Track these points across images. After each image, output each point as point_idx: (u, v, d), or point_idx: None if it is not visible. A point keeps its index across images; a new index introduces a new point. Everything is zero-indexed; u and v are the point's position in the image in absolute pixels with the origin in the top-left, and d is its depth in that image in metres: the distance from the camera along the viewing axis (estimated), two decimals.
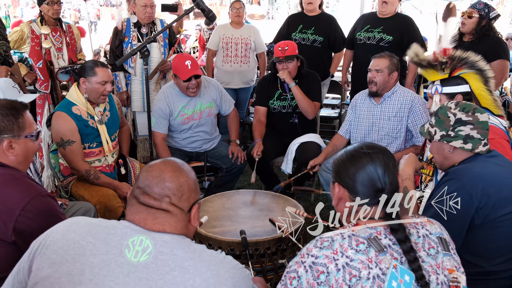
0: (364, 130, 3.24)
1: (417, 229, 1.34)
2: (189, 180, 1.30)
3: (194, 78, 3.20)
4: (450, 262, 1.31)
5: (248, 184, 4.18)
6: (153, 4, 3.83)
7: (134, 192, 1.27)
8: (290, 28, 4.42)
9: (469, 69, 2.38)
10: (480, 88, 2.40)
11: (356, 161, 1.37)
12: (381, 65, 3.04)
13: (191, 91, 3.26)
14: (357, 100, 3.32)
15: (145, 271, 1.14)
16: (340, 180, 1.41)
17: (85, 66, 2.82)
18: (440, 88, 2.40)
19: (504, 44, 3.60)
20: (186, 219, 1.28)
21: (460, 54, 2.38)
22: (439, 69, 2.42)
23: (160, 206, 1.23)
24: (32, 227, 1.59)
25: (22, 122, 1.76)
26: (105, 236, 1.20)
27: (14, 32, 3.77)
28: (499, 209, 1.73)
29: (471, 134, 1.80)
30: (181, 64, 3.18)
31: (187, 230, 1.29)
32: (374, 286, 1.20)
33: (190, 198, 1.29)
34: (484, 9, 3.51)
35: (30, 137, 1.79)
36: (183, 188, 1.26)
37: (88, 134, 2.82)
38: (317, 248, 1.27)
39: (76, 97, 2.80)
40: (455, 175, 1.79)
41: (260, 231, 2.20)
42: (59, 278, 1.15)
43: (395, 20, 3.97)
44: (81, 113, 2.79)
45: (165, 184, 1.24)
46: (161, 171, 1.26)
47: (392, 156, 1.40)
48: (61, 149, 2.77)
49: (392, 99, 3.11)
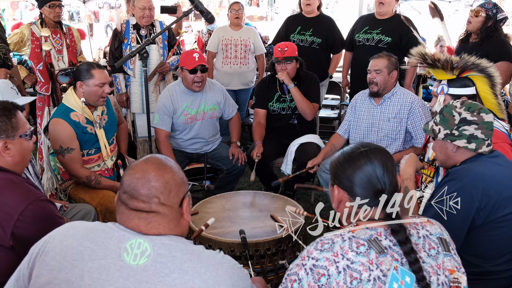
0: (363, 131, 3.24)
1: (417, 229, 1.33)
2: (175, 175, 1.26)
3: (200, 71, 3.24)
4: (451, 262, 1.31)
5: (248, 185, 4.19)
6: (151, 6, 3.83)
7: (121, 197, 1.24)
8: (289, 30, 4.43)
9: (478, 73, 2.38)
10: (486, 91, 2.40)
11: (353, 162, 1.36)
12: (380, 65, 3.05)
13: (196, 85, 3.28)
14: (357, 100, 3.32)
15: (145, 274, 1.13)
16: (338, 182, 1.39)
17: (81, 69, 2.74)
18: (446, 89, 2.40)
19: (508, 46, 3.56)
20: (178, 215, 1.26)
21: (474, 60, 2.37)
22: (449, 69, 2.42)
23: (150, 209, 1.21)
24: (30, 232, 1.59)
25: (16, 122, 1.76)
26: (102, 240, 1.18)
27: (14, 35, 3.77)
28: (499, 210, 1.72)
29: (475, 134, 1.80)
30: (189, 56, 3.26)
31: (181, 227, 1.28)
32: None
33: (179, 192, 1.26)
34: (492, 9, 3.48)
35: (25, 137, 1.79)
36: (169, 185, 1.23)
37: (86, 141, 2.78)
38: (318, 251, 1.26)
39: (73, 102, 2.74)
40: (456, 175, 1.79)
41: (260, 232, 2.20)
42: (58, 285, 1.14)
43: (394, 21, 3.97)
44: (79, 120, 2.73)
45: (151, 184, 1.21)
46: (144, 172, 1.22)
47: (390, 155, 1.39)
48: (60, 157, 2.71)
49: (392, 100, 3.11)
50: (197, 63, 3.21)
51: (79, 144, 2.73)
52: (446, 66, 2.41)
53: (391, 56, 3.10)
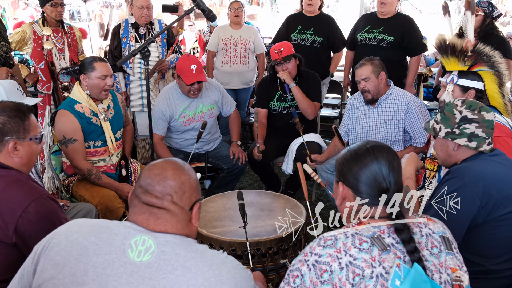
0: (362, 134, 3.23)
1: (420, 228, 1.33)
2: (191, 179, 1.30)
3: (197, 83, 3.22)
4: (453, 261, 1.31)
5: (249, 185, 4.19)
6: (149, 5, 3.81)
7: (136, 191, 1.28)
8: (289, 29, 4.42)
9: (489, 68, 2.38)
10: (494, 89, 2.41)
11: (360, 160, 1.35)
12: (366, 73, 3.02)
13: (192, 93, 3.29)
14: (353, 103, 3.31)
15: (148, 270, 1.15)
16: (344, 179, 1.39)
17: (84, 62, 2.83)
18: (456, 79, 2.40)
19: (507, 43, 3.60)
20: (187, 218, 1.29)
21: (488, 50, 2.37)
22: (461, 60, 2.41)
23: (162, 205, 1.24)
24: (33, 228, 1.60)
25: (28, 124, 1.78)
26: (107, 236, 1.20)
27: (16, 33, 3.76)
28: (500, 208, 1.73)
29: (476, 132, 1.80)
30: (187, 67, 3.18)
31: (188, 230, 1.30)
32: (378, 285, 1.19)
33: (191, 196, 1.29)
34: (488, 7, 3.52)
35: (35, 140, 1.81)
36: (184, 186, 1.27)
37: (91, 131, 2.82)
38: (320, 247, 1.26)
39: (78, 95, 2.80)
40: (456, 173, 1.79)
41: (262, 231, 2.20)
42: (62, 279, 1.16)
43: (396, 20, 3.97)
44: (84, 111, 2.78)
45: (167, 182, 1.25)
46: (162, 170, 1.27)
47: (396, 155, 1.38)
48: (63, 147, 2.77)
49: (388, 102, 3.09)
50: (194, 78, 3.17)
51: (83, 136, 2.78)
52: (459, 56, 2.41)
53: (372, 59, 3.06)
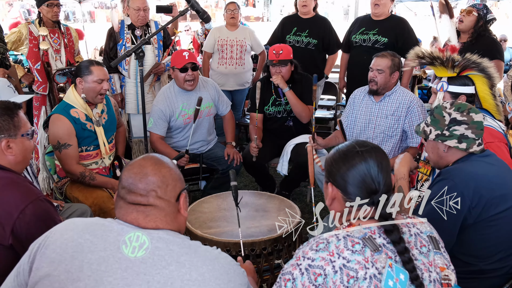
0: (360, 127, 3.24)
1: (408, 227, 1.34)
2: (171, 170, 1.31)
3: (191, 69, 3.26)
4: (441, 260, 1.32)
5: (244, 186, 4.20)
6: (146, 7, 3.82)
7: (120, 193, 1.28)
8: (285, 30, 4.44)
9: (479, 72, 2.40)
10: (485, 91, 2.42)
11: (348, 161, 1.35)
12: (383, 65, 3.02)
13: (188, 83, 3.30)
14: (356, 96, 3.31)
15: (143, 266, 1.16)
16: (333, 180, 1.39)
17: (81, 65, 2.82)
18: (446, 86, 2.41)
19: (499, 45, 3.65)
20: (175, 210, 1.30)
21: (476, 58, 2.39)
22: (449, 67, 2.43)
23: (148, 202, 1.25)
24: (29, 230, 1.60)
25: (18, 121, 1.78)
26: (102, 233, 1.22)
27: (12, 33, 3.75)
28: (491, 208, 1.74)
29: (465, 134, 1.82)
30: (179, 55, 3.28)
31: (178, 223, 1.31)
32: (371, 286, 1.19)
33: (176, 187, 1.30)
34: (483, 10, 3.56)
35: (26, 136, 1.81)
36: (166, 179, 1.28)
37: (85, 137, 2.81)
38: (313, 251, 1.26)
39: (73, 99, 2.79)
40: (447, 175, 1.81)
41: (256, 232, 2.21)
42: (58, 276, 1.17)
43: (390, 22, 4.00)
44: (79, 116, 2.77)
45: (148, 178, 1.26)
46: (142, 167, 1.28)
47: (385, 154, 1.38)
48: (57, 152, 2.76)
49: (391, 98, 3.11)
50: (187, 61, 3.23)
51: (77, 141, 2.77)
52: (447, 64, 2.42)
53: (395, 56, 3.07)
